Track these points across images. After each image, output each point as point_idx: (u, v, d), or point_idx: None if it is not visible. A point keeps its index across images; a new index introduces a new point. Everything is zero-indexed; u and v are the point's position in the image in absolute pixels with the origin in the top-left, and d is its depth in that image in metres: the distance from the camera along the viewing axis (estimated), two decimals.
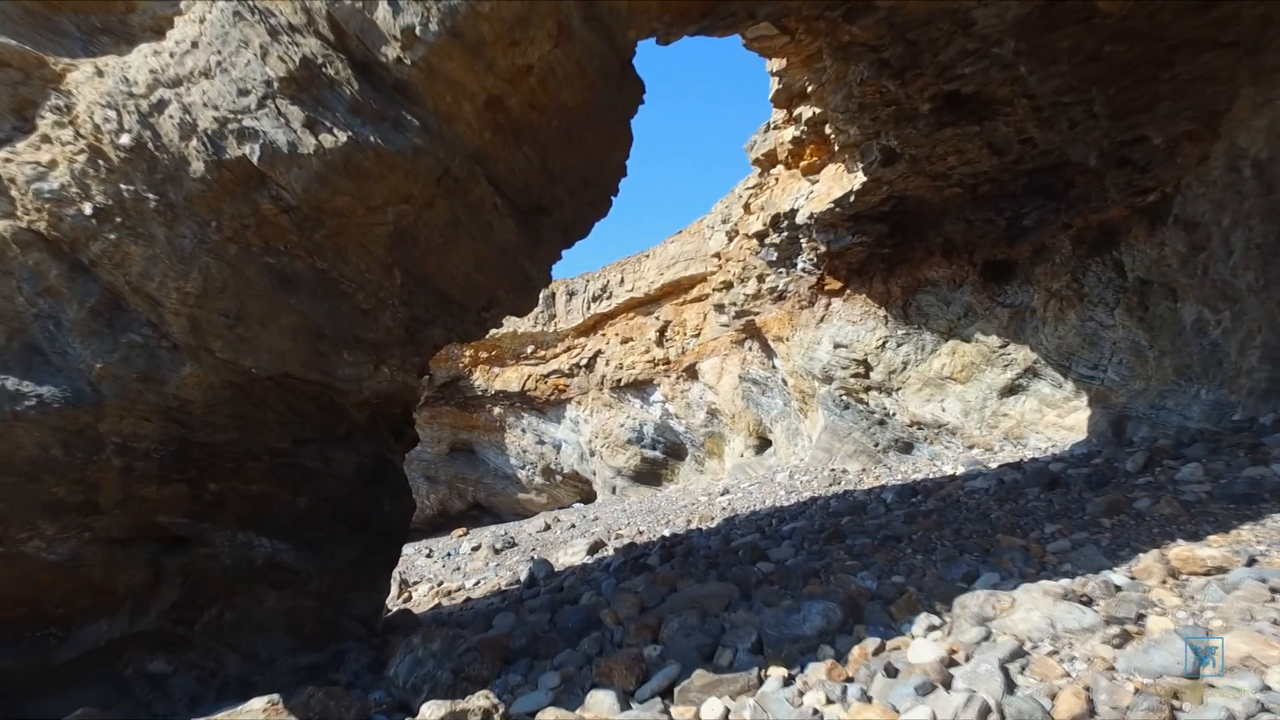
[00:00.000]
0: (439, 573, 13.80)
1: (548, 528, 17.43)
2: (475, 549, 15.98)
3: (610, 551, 11.81)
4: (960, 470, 13.13)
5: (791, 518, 11.06)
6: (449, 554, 16.56)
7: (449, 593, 11.31)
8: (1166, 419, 12.74)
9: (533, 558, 13.22)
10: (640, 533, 13.36)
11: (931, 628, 5.64)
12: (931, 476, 13.04)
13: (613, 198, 8.02)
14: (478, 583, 11.84)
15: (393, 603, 11.34)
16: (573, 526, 16.76)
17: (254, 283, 4.99)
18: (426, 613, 9.76)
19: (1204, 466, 7.84)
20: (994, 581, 6.11)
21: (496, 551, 14.84)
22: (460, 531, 22.77)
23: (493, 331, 30.56)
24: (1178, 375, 13.13)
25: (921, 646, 5.20)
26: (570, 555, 12.25)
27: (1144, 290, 13.66)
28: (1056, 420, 15.40)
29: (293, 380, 5.49)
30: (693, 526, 12.76)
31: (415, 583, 12.74)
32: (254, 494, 5.96)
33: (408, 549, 19.12)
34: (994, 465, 13.03)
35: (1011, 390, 16.00)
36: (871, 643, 5.43)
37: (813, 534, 9.03)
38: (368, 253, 5.51)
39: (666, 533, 12.57)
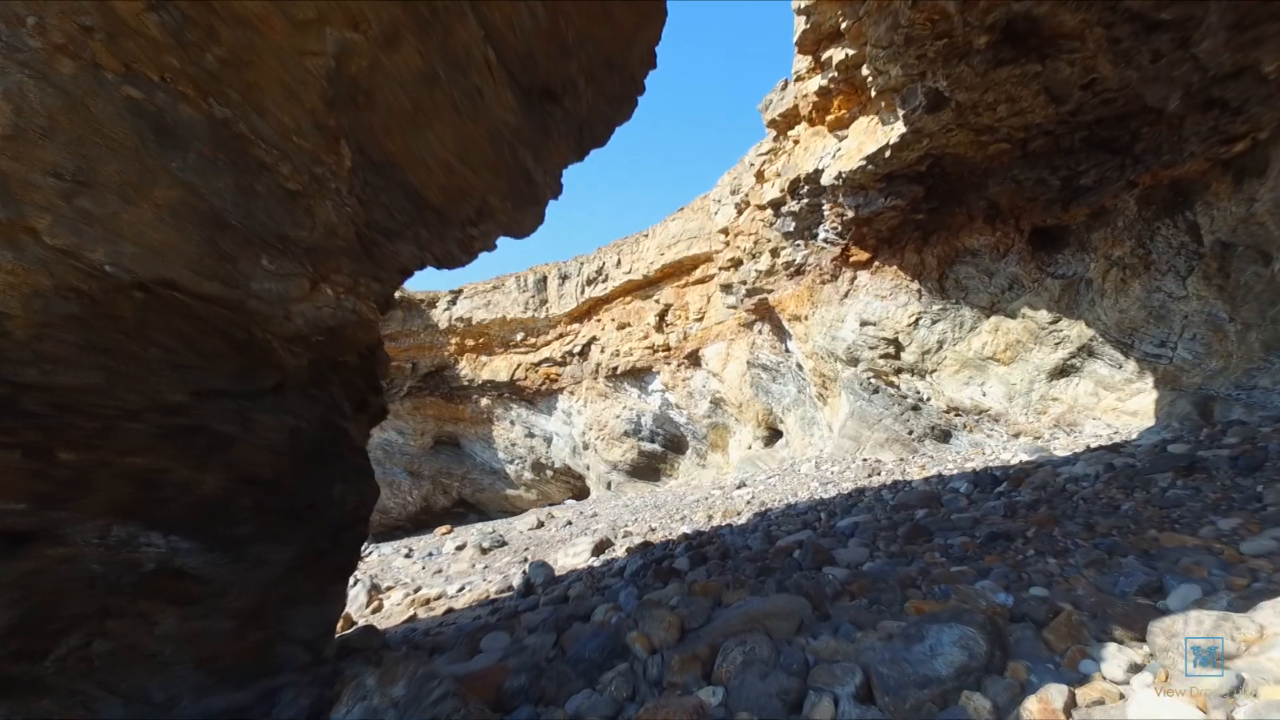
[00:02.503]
0: (417, 576, 11.94)
1: (540, 525, 15.59)
2: (460, 549, 14.11)
3: (620, 552, 10.00)
4: (1023, 458, 11.36)
5: (843, 511, 9.26)
6: (430, 554, 14.69)
7: (427, 601, 9.46)
8: (1265, 400, 11.02)
9: (526, 559, 11.40)
10: (652, 530, 11.55)
11: (1134, 666, 3.82)
12: (995, 465, 11.27)
13: (639, 97, 6.19)
14: (462, 589, 9.98)
15: (360, 613, 9.48)
16: (569, 524, 14.92)
17: (107, 128, 3.14)
18: (398, 628, 7.90)
19: None
20: (1195, 597, 4.32)
21: (484, 551, 12.99)
22: (444, 529, 20.89)
23: (480, 317, 28.69)
24: (1267, 351, 11.42)
25: (1144, 699, 3.40)
26: (572, 556, 10.41)
27: (1225, 255, 11.94)
28: (1116, 404, 13.67)
29: (181, 295, 3.61)
30: (718, 522, 10.95)
31: (389, 588, 10.88)
32: (136, 469, 4.08)
33: (385, 548, 17.23)
34: (1066, 453, 11.28)
35: (1063, 372, 14.26)
36: (1054, 692, 3.61)
37: (884, 530, 7.23)
38: (296, 101, 3.65)
39: (687, 529, 10.76)
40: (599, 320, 25.75)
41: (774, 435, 20.76)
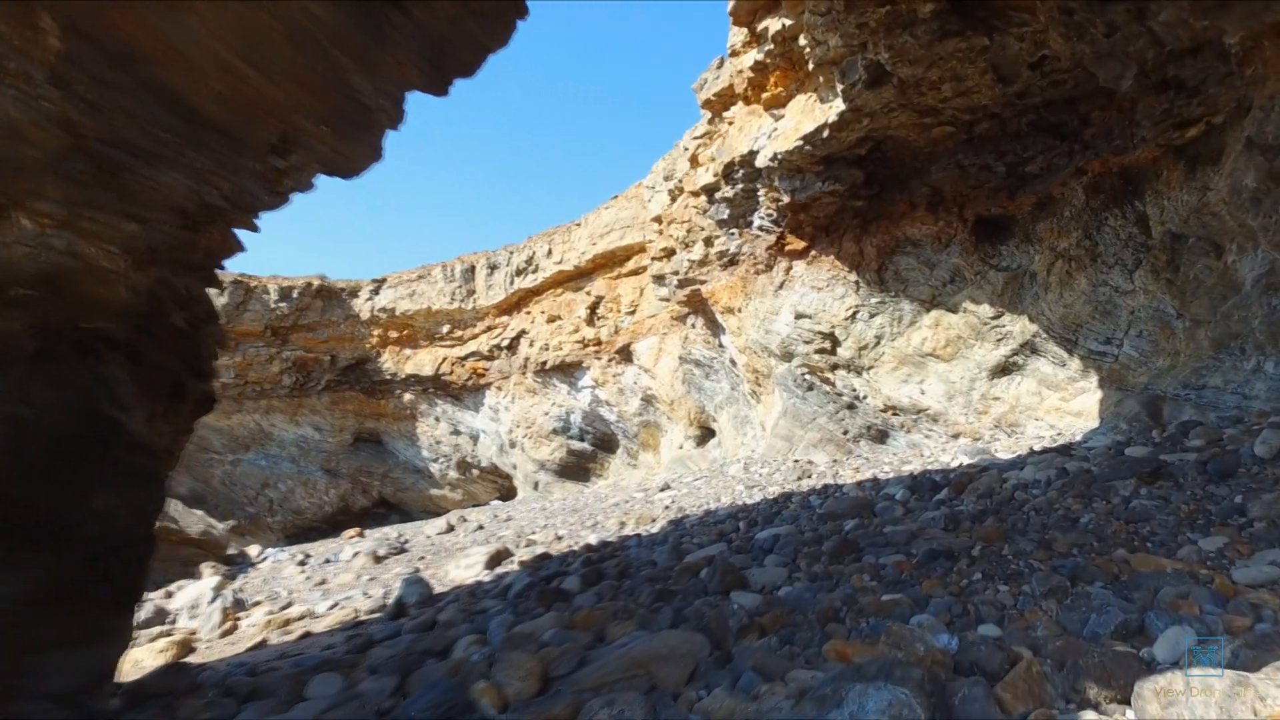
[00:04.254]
0: (297, 589, 10.61)
1: (450, 529, 14.35)
2: (357, 555, 12.80)
3: (517, 565, 8.85)
4: (964, 461, 10.51)
5: (765, 520, 8.26)
6: (328, 560, 13.34)
7: (288, 622, 8.18)
8: (1217, 400, 10.34)
9: (420, 569, 10.17)
10: (559, 538, 10.41)
11: None
12: (934, 468, 10.40)
13: (518, 20, 5.05)
14: (337, 605, 8.73)
15: (210, 635, 8.17)
16: (480, 528, 13.71)
17: None
18: (225, 662, 6.60)
19: None
20: (1189, 644, 3.35)
21: (378, 560, 11.71)
22: (353, 533, 19.49)
23: (404, 308, 27.20)
24: (1217, 349, 10.77)
25: None
26: (463, 569, 9.22)
27: (1175, 247, 11.27)
28: (1060, 404, 12.97)
29: None
30: (628, 531, 9.87)
31: (255, 604, 9.55)
32: None
33: (283, 554, 15.79)
34: (1008, 455, 10.46)
35: (1005, 369, 13.52)
36: None
37: (807, 545, 6.22)
38: None
39: (593, 539, 9.64)
40: (528, 313, 24.54)
41: (707, 434, 19.79)
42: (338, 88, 3.97)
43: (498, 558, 9.42)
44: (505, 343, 24.94)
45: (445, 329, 26.22)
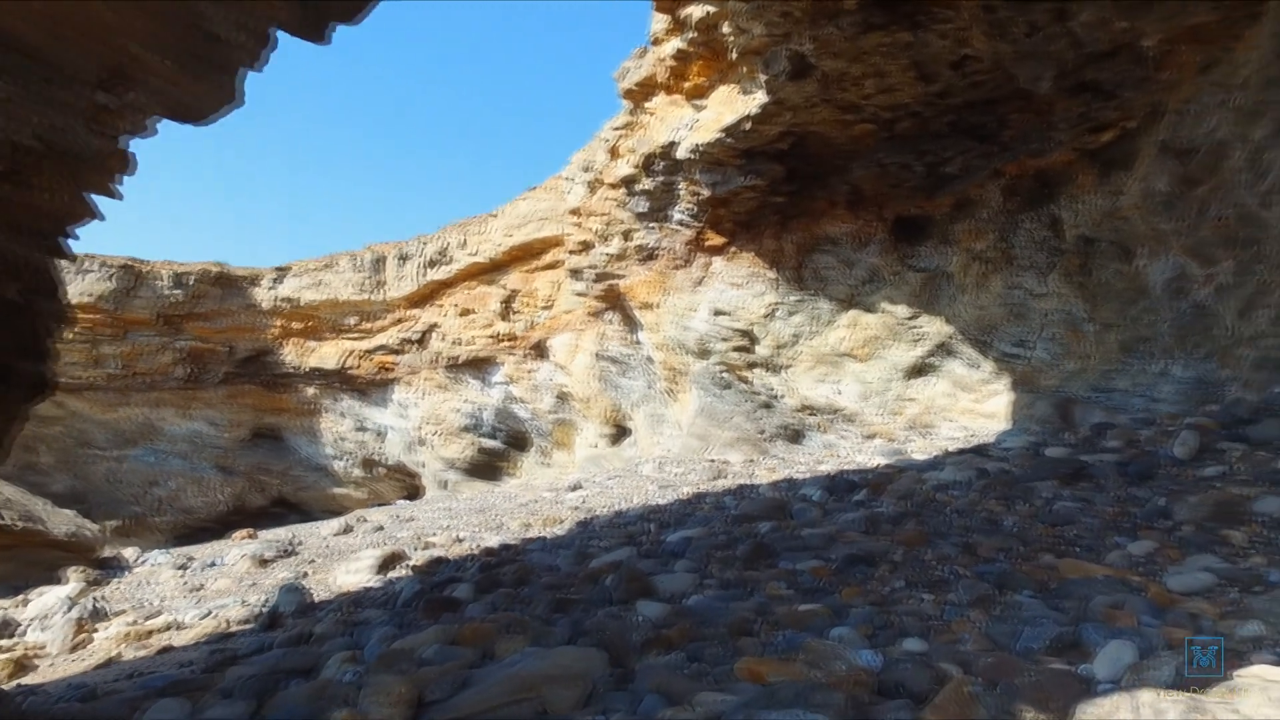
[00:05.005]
0: (170, 596, 9.70)
1: (348, 530, 13.53)
2: (243, 559, 11.88)
3: (409, 570, 8.21)
4: (880, 461, 10.33)
5: (677, 522, 7.84)
6: (212, 564, 12.37)
7: (148, 634, 7.37)
8: (1125, 403, 10.43)
9: (306, 574, 9.42)
10: (458, 540, 9.79)
11: None
12: (850, 468, 10.18)
13: None
14: (209, 614, 7.93)
15: (61, 650, 7.31)
16: (379, 529, 12.94)
17: None
18: (64, 683, 5.83)
19: None
20: (1129, 660, 3.05)
21: (263, 564, 10.85)
22: (243, 533, 18.34)
23: (309, 298, 25.96)
24: (1125, 352, 10.89)
25: None
26: (351, 574, 8.52)
27: (1087, 251, 11.37)
28: (973, 406, 12.99)
29: None
30: (533, 533, 9.33)
31: (118, 613, 8.64)
32: None
33: (163, 556, 14.67)
34: (924, 456, 10.33)
35: (920, 370, 13.49)
36: None
37: (720, 549, 5.83)
38: None
39: (495, 542, 9.06)
40: (440, 305, 23.65)
41: (622, 433, 19.37)
42: (183, 14, 3.36)
43: (390, 561, 8.75)
44: (415, 336, 24.00)
45: (352, 321, 25.10)
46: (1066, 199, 11.48)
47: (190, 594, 9.60)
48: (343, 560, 9.54)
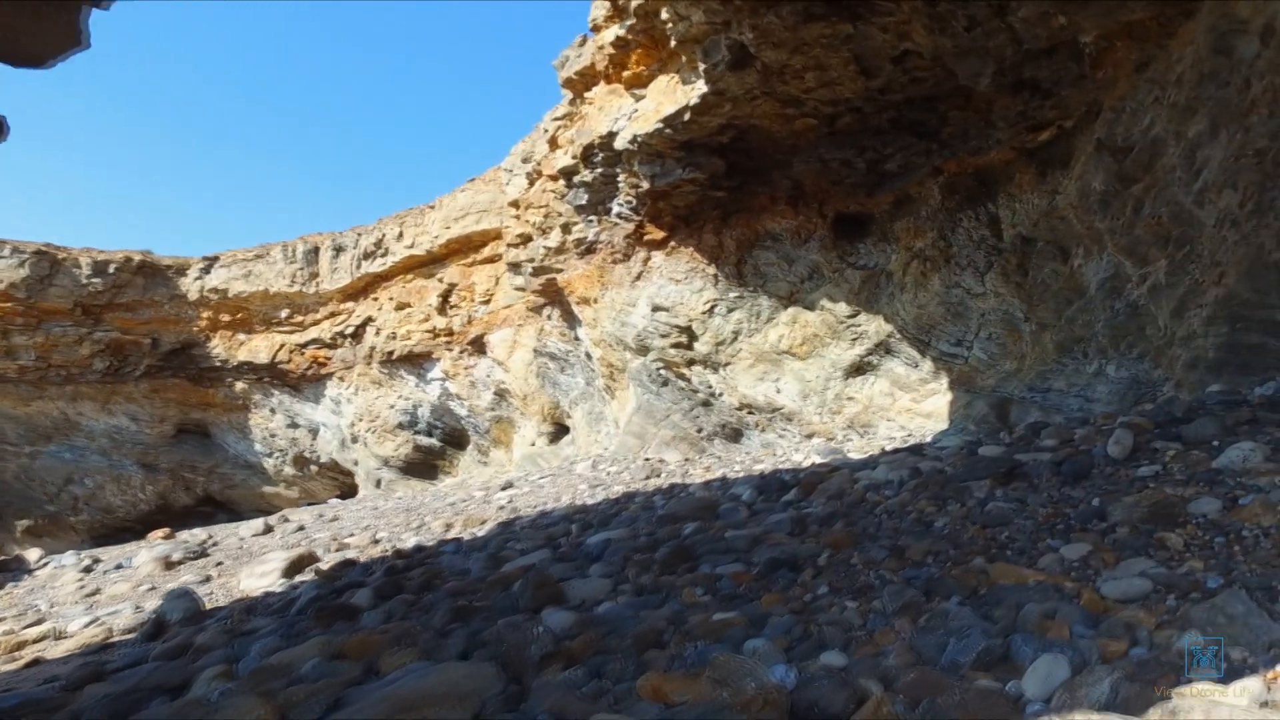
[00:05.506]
0: (62, 601, 9.02)
1: (268, 530, 12.91)
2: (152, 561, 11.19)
3: (325, 567, 7.73)
4: (816, 460, 10.13)
5: (601, 523, 7.50)
6: (119, 566, 11.67)
7: (19, 646, 6.74)
8: (1061, 403, 10.39)
9: (210, 577, 8.87)
10: (375, 541, 9.32)
11: None
12: (784, 467, 9.95)
13: None
14: (95, 621, 7.34)
15: None
16: (299, 529, 12.36)
17: None
18: None
19: (1262, 450, 5.02)
20: (1062, 677, 2.80)
21: (169, 566, 10.22)
22: (160, 533, 17.53)
23: (239, 289, 25.00)
24: (1061, 352, 10.86)
25: None
26: (257, 578, 7.98)
27: (1025, 250, 11.33)
28: (911, 405, 12.90)
29: None
30: (454, 534, 8.91)
31: None
32: None
33: (69, 558, 13.86)
34: (861, 456, 10.15)
35: (859, 369, 13.36)
36: None
37: (640, 551, 5.50)
38: None
39: (413, 542, 8.63)
40: (376, 299, 23.00)
41: (561, 430, 18.98)
42: None
43: (299, 564, 8.24)
44: (350, 330, 23.31)
45: (284, 313, 24.30)
46: (1005, 198, 11.44)
47: (85, 599, 8.97)
48: (252, 563, 9.00)
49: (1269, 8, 6.53)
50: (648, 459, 12.89)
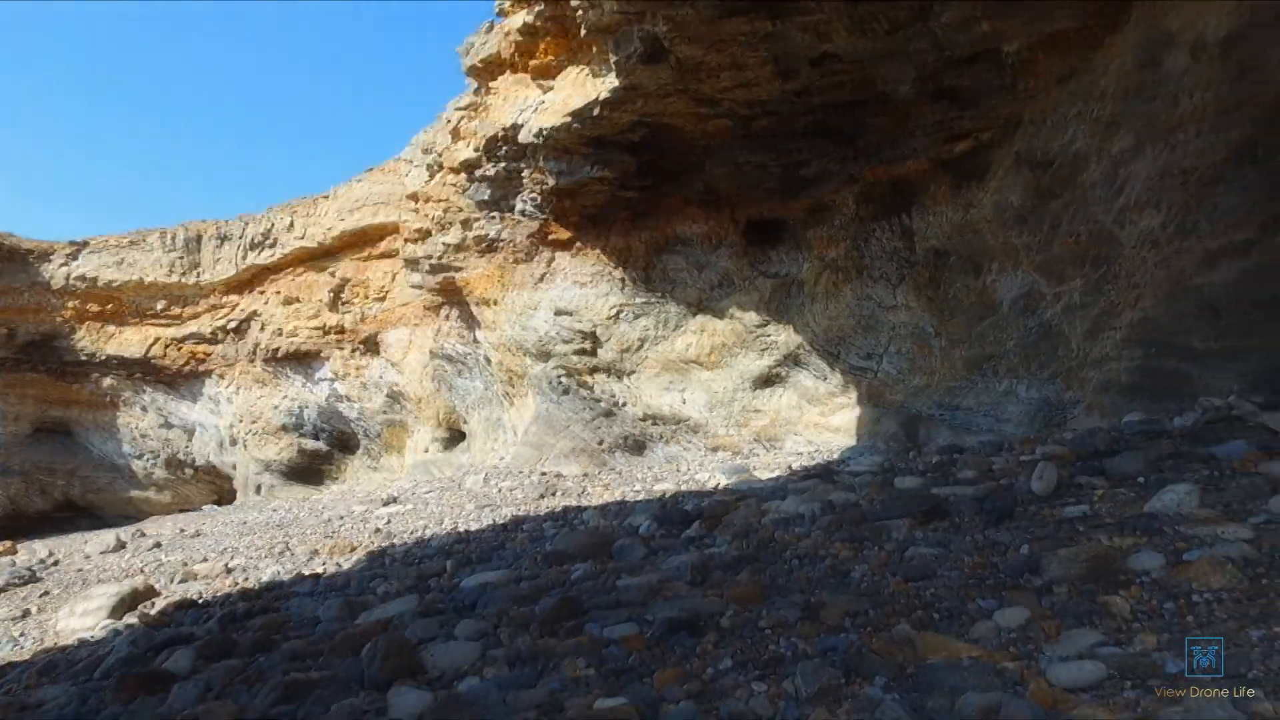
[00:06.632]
0: None
1: (120, 547, 11.59)
2: None
3: (162, 607, 6.69)
4: (724, 480, 9.58)
5: (481, 558, 6.71)
6: None
7: None
8: (970, 421, 10.12)
9: (28, 612, 7.70)
10: (228, 571, 8.28)
11: None
12: (687, 489, 9.37)
13: None
14: None
15: None
16: (156, 546, 11.12)
17: None
18: None
19: (1197, 493, 4.63)
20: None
21: None
22: (2, 547, 15.78)
23: (110, 278, 23.05)
24: (970, 369, 10.62)
25: None
26: (78, 618, 6.83)
27: (938, 264, 11.06)
28: (820, 419, 12.53)
29: None
30: (316, 564, 7.96)
31: None
32: None
33: None
34: (768, 474, 9.65)
35: (768, 381, 12.92)
36: None
37: (521, 600, 4.77)
38: None
39: (267, 574, 7.62)
40: (262, 292, 21.55)
41: (457, 436, 18.03)
42: None
43: (131, 601, 7.13)
44: (233, 325, 21.78)
45: (160, 305, 22.56)
46: (919, 209, 11.15)
47: None
48: (77, 597, 7.84)
49: (1200, 21, 6.25)
50: (544, 473, 12.12)
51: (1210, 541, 4.03)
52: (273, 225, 21.24)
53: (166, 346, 22.56)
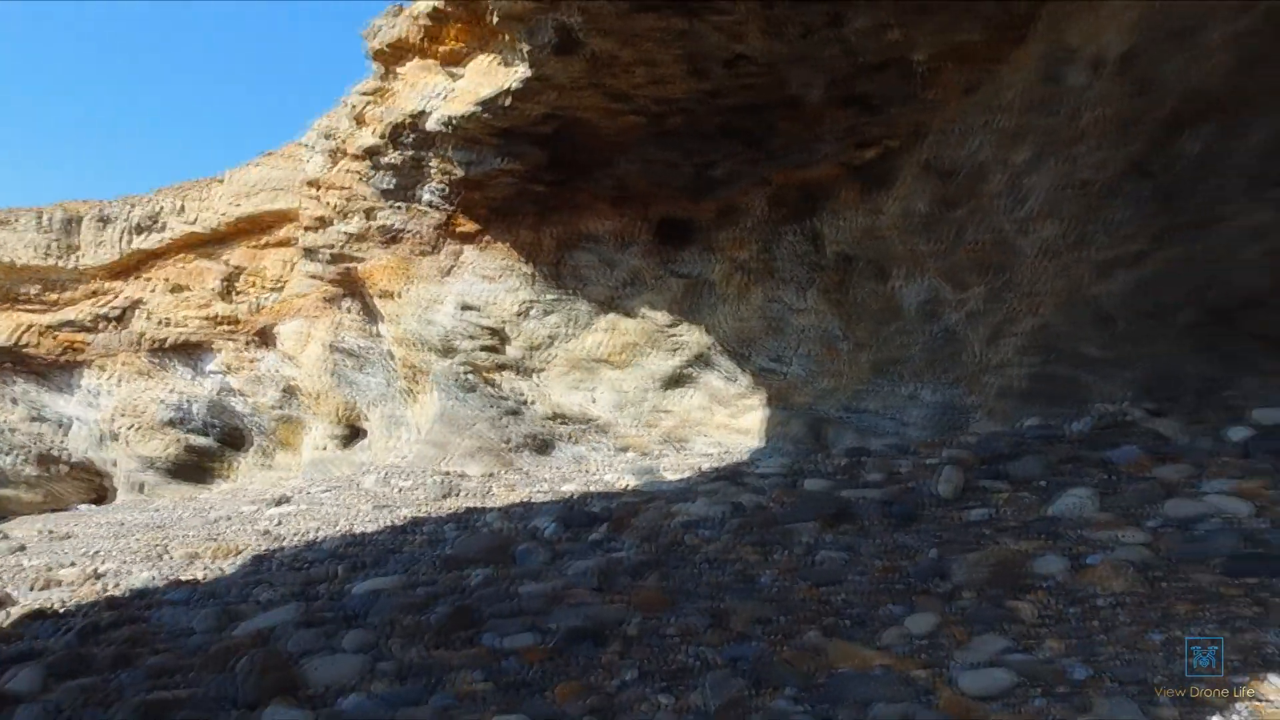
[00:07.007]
0: None
1: None
2: None
3: (6, 622, 6.09)
4: (631, 481, 9.44)
5: (375, 562, 6.36)
6: None
7: None
8: (875, 424, 10.25)
9: None
10: (97, 576, 7.63)
11: None
12: (594, 490, 9.18)
13: None
14: None
15: None
16: (20, 549, 10.24)
17: None
18: None
19: (1096, 497, 4.71)
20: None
21: None
22: None
23: None
24: (876, 373, 10.79)
25: None
26: None
27: (846, 268, 11.20)
28: (728, 420, 12.53)
29: None
30: (195, 570, 7.42)
31: None
32: None
33: None
34: (676, 475, 9.56)
35: (677, 381, 12.86)
36: None
37: (413, 609, 4.48)
38: None
39: (139, 581, 7.07)
40: (148, 279, 20.27)
41: (356, 434, 17.35)
42: None
43: None
44: (114, 313, 20.42)
45: (33, 290, 20.98)
46: (828, 214, 11.26)
47: None
48: None
49: (1100, 37, 6.43)
50: (447, 472, 11.73)
51: (1110, 545, 4.08)
52: (160, 208, 20.03)
53: (38, 334, 20.99)
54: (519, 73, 10.96)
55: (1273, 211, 5.42)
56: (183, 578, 6.96)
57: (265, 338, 18.61)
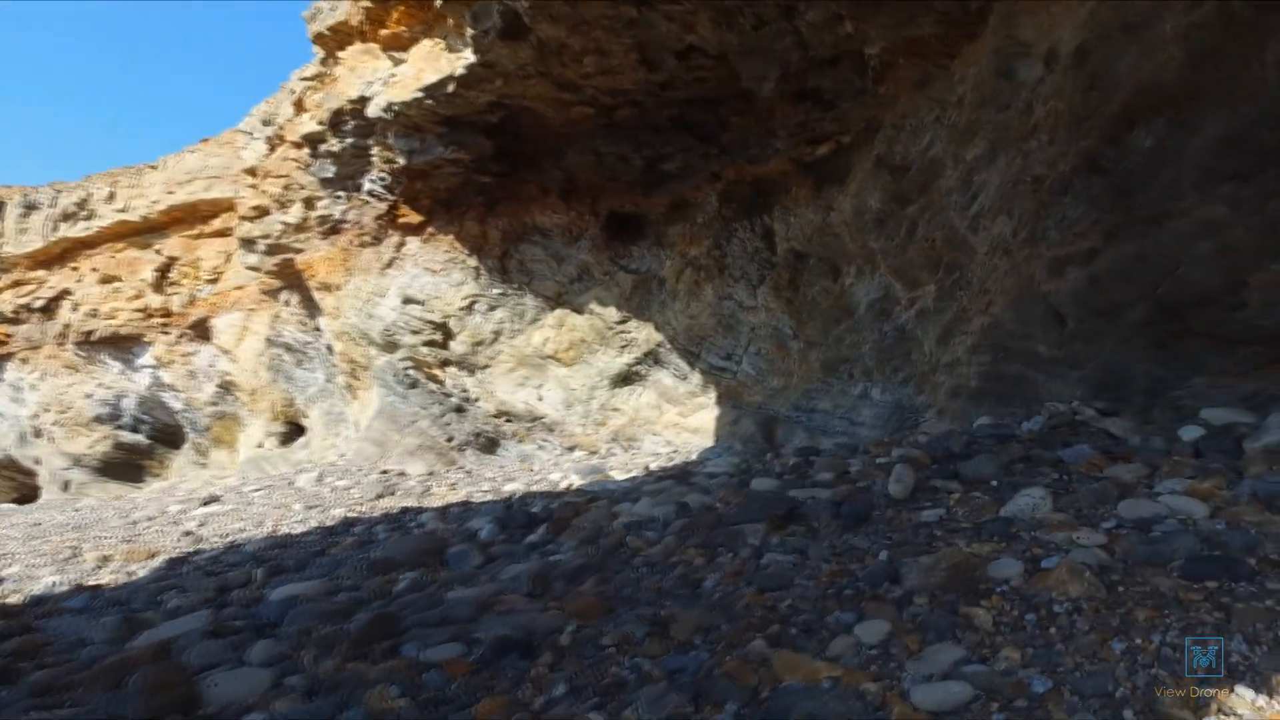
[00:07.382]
0: None
1: None
2: None
3: None
4: (577, 481, 9.15)
5: (298, 565, 5.99)
6: None
7: None
8: (826, 424, 10.10)
9: None
10: None
11: None
12: (537, 489, 8.88)
13: None
14: None
15: None
16: None
17: None
18: None
19: (1050, 497, 4.56)
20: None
21: None
22: None
23: None
24: (827, 371, 10.64)
25: None
26: None
27: (797, 266, 11.05)
28: (678, 419, 12.30)
29: None
30: (105, 574, 6.94)
31: None
32: None
33: None
34: (623, 475, 9.30)
35: (627, 379, 12.60)
36: None
37: (332, 616, 4.16)
38: None
39: (46, 583, 6.58)
40: (76, 269, 19.47)
41: (296, 431, 16.80)
42: None
43: None
44: (39, 303, 19.57)
45: None
46: (780, 211, 11.11)
47: None
48: None
49: (1054, 32, 6.32)
50: (386, 471, 11.32)
51: (1066, 548, 3.92)
52: (89, 195, 19.23)
53: None
54: (464, 58, 10.60)
55: (1224, 207, 5.34)
56: (88, 583, 6.52)
57: (201, 331, 17.93)
